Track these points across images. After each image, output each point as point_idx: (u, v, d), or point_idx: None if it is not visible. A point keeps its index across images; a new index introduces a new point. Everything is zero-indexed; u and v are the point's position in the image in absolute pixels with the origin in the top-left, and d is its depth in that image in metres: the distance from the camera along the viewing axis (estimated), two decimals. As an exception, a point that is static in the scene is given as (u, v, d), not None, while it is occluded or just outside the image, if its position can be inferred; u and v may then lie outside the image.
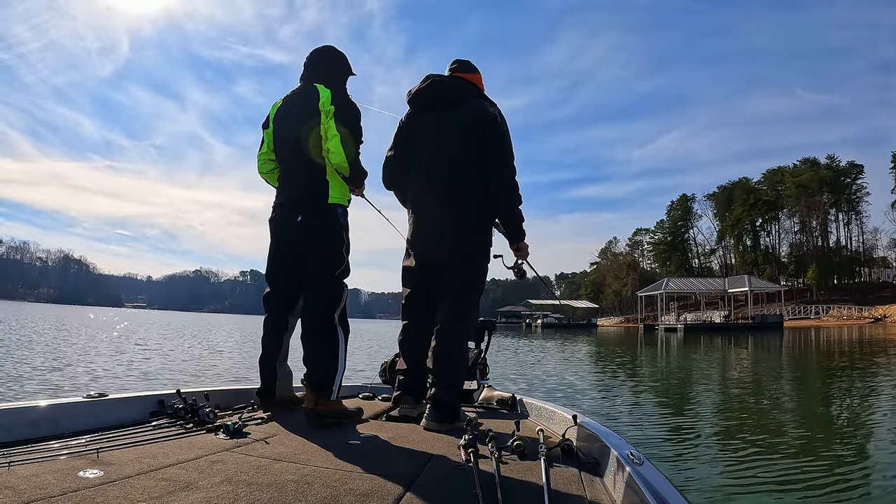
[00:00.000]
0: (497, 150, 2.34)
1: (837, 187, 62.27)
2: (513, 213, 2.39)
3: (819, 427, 5.00)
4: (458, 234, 2.36)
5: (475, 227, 2.39)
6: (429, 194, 2.44)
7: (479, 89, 2.52)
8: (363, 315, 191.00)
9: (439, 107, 2.45)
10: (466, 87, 2.47)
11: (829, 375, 9.84)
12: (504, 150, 2.35)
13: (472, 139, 2.35)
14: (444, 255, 2.38)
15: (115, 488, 1.27)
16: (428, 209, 2.45)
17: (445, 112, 2.43)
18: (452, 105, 2.42)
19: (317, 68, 2.44)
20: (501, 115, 2.40)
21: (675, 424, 5.24)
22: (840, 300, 49.89)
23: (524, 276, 2.45)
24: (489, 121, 2.36)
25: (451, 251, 2.36)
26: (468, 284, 2.37)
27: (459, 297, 2.36)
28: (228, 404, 2.35)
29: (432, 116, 2.46)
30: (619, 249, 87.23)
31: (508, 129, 2.40)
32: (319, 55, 2.47)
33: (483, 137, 2.34)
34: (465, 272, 2.37)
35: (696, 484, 3.17)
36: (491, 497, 1.29)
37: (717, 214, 72.46)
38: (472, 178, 2.35)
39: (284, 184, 2.43)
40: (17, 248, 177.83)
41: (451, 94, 2.44)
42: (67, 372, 7.37)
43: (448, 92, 2.44)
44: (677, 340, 25.25)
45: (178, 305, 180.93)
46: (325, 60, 2.46)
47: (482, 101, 2.45)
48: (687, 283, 52.21)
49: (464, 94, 2.44)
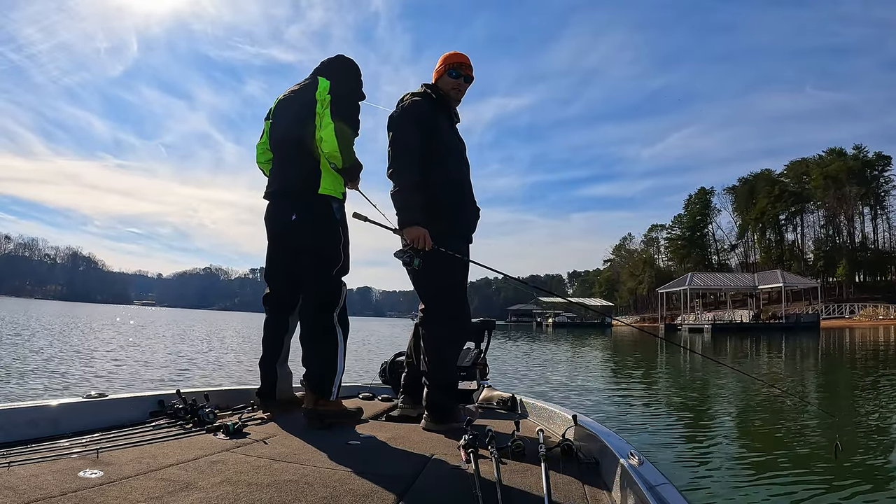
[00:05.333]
0: None
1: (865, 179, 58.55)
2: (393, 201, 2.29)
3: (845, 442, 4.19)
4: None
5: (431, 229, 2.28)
6: None
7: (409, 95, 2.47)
8: (373, 314, 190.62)
9: None
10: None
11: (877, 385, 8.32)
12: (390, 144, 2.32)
13: None
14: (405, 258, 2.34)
15: (115, 488, 1.27)
16: None
17: None
18: None
19: (326, 66, 2.46)
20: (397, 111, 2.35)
21: (678, 425, 5.20)
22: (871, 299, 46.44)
23: (411, 263, 2.23)
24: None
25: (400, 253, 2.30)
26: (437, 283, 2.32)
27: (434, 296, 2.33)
28: (228, 405, 2.35)
29: None
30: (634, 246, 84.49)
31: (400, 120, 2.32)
32: (332, 59, 2.51)
33: None
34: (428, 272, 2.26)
35: (696, 484, 3.15)
36: (491, 497, 1.29)
37: (738, 208, 68.96)
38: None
39: (276, 172, 2.43)
40: (26, 245, 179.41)
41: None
42: (65, 372, 7.39)
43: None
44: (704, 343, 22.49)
45: (188, 303, 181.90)
46: (336, 62, 2.49)
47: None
48: (713, 279, 47.71)
49: None
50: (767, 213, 64.35)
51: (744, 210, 68.01)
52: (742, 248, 72.12)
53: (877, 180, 60.37)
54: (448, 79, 2.44)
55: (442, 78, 2.44)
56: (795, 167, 64.55)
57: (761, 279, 45.30)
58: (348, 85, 2.42)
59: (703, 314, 44.35)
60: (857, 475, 3.31)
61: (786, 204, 63.36)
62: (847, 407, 6.26)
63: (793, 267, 57.03)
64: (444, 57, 2.48)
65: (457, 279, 2.36)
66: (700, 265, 65.55)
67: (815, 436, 4.54)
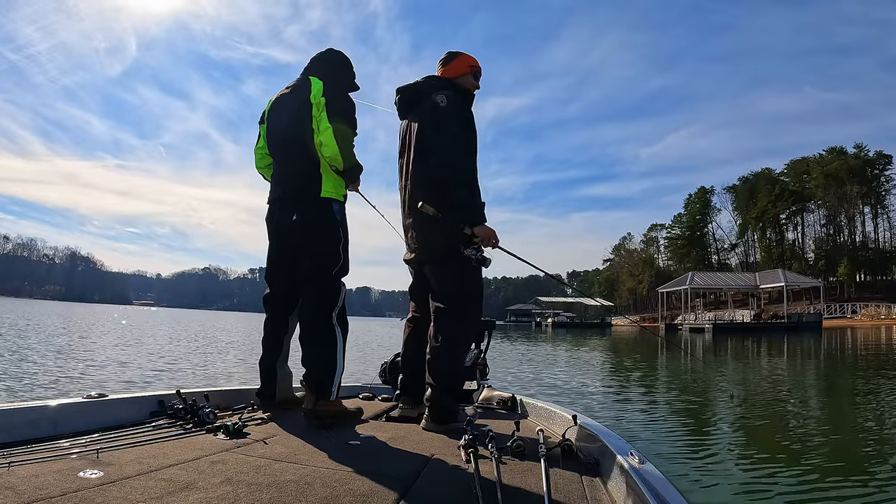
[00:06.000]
0: (438, 139, 2.29)
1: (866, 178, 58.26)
2: (458, 197, 2.25)
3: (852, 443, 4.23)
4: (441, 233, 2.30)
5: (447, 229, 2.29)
6: (405, 199, 2.44)
7: (443, 79, 2.47)
8: (372, 313, 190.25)
9: (406, 111, 2.51)
10: (424, 84, 2.46)
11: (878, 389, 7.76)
12: (440, 135, 2.28)
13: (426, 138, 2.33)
14: (424, 256, 2.39)
15: (115, 488, 1.27)
16: (411, 210, 2.42)
17: (411, 116, 2.47)
18: (413, 108, 2.46)
19: (317, 64, 2.44)
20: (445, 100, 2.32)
21: (679, 426, 5.21)
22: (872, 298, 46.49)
23: (484, 263, 2.29)
24: (431, 110, 2.33)
25: (429, 253, 2.36)
26: (459, 283, 2.34)
27: (450, 295, 2.33)
28: (228, 405, 2.35)
29: (404, 122, 2.53)
30: (634, 246, 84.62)
31: (455, 110, 2.31)
32: (323, 53, 2.49)
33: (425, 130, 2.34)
34: (453, 270, 2.32)
35: (696, 484, 3.15)
36: (491, 497, 1.29)
37: (738, 208, 68.89)
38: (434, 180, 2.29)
39: (277, 178, 2.43)
40: (25, 245, 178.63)
41: (409, 99, 2.48)
42: (61, 370, 7.36)
43: (406, 97, 2.49)
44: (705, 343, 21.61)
45: (187, 303, 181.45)
46: (328, 58, 2.47)
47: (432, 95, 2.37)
48: (714, 278, 47.60)
49: (421, 93, 2.43)
50: (768, 212, 64.18)
51: (744, 209, 67.79)
52: (742, 248, 72.01)
53: (878, 179, 60.06)
54: (472, 80, 2.49)
55: (465, 77, 2.48)
56: (796, 166, 64.27)
57: (763, 278, 45.17)
58: (341, 80, 2.41)
59: (703, 314, 44.02)
60: (858, 475, 3.32)
61: (786, 203, 63.16)
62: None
63: (793, 266, 56.61)
64: (468, 57, 2.52)
65: (482, 282, 2.43)
66: (700, 265, 65.29)
67: (816, 435, 4.55)
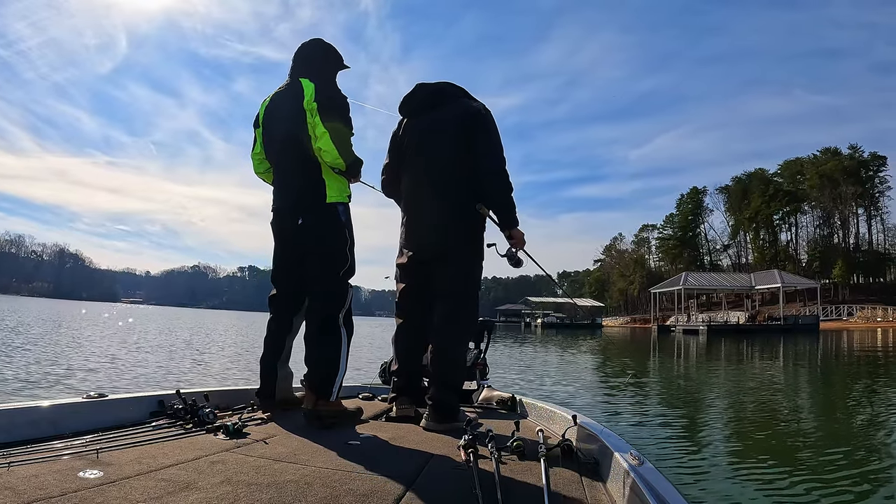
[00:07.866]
0: (484, 140, 2.36)
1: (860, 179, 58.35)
2: (504, 201, 2.38)
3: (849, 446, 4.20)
4: (453, 231, 2.37)
5: (469, 224, 2.40)
6: (421, 193, 2.46)
7: (464, 91, 2.55)
8: (363, 312, 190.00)
9: (426, 109, 2.50)
10: (450, 87, 2.52)
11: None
12: (491, 140, 2.37)
13: (458, 135, 2.37)
14: (438, 252, 2.40)
15: (115, 489, 1.27)
16: (421, 207, 2.47)
17: (432, 113, 2.47)
18: (437, 106, 2.47)
19: (303, 62, 2.38)
20: (486, 109, 2.43)
21: (679, 426, 5.24)
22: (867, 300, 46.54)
23: (519, 264, 2.43)
24: (473, 113, 2.39)
25: (446, 248, 2.38)
26: (465, 281, 2.38)
27: (457, 294, 2.36)
28: (228, 405, 2.34)
29: (422, 119, 2.51)
30: (625, 246, 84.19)
31: (495, 121, 2.43)
32: (306, 48, 2.42)
33: (469, 130, 2.37)
34: (461, 269, 2.38)
35: (696, 484, 3.17)
36: (491, 498, 1.29)
37: (731, 208, 68.73)
38: (462, 174, 2.37)
39: (280, 187, 2.41)
40: (13, 242, 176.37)
41: (435, 96, 2.50)
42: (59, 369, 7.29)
43: (431, 93, 2.51)
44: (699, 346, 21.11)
45: (176, 301, 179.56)
46: (312, 53, 2.41)
47: (466, 99, 2.50)
48: (708, 279, 47.15)
49: (447, 94, 2.49)
50: (761, 212, 64.10)
51: (737, 210, 67.72)
52: (735, 249, 72.11)
53: (872, 181, 60.35)
54: None
55: None
56: (790, 166, 64.46)
57: (758, 279, 44.81)
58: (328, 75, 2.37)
59: (696, 315, 43.81)
60: (856, 475, 3.36)
61: (780, 203, 63.14)
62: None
63: (787, 267, 56.30)
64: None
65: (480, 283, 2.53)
66: (692, 265, 65.19)
67: (816, 435, 4.60)
